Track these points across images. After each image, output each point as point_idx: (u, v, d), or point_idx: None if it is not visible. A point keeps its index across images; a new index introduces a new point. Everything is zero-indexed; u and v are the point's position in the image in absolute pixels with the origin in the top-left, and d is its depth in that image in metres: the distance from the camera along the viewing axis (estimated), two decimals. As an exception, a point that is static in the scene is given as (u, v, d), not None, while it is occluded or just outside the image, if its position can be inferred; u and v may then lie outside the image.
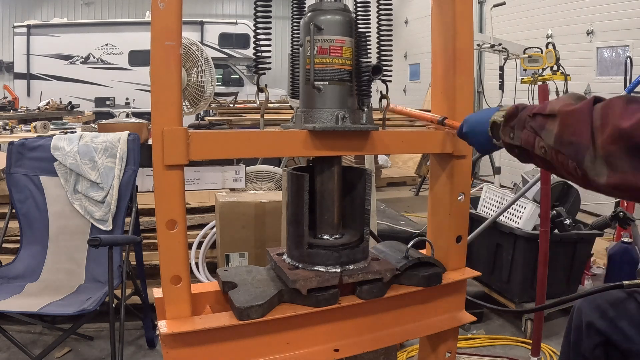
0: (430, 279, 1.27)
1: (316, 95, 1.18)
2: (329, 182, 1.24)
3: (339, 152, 1.21)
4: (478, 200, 3.34)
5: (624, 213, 2.78)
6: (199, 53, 3.40)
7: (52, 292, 2.27)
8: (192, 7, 14.52)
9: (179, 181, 1.05)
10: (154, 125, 1.03)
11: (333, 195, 1.25)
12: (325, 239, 1.24)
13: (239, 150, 1.14)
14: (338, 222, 1.26)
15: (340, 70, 1.17)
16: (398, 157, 8.01)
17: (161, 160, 1.02)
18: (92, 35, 11.48)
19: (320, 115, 1.17)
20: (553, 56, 4.33)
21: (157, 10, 1.00)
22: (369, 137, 1.21)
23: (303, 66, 1.20)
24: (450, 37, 1.31)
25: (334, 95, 1.18)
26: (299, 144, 1.15)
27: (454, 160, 1.34)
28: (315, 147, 1.16)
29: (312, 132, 1.15)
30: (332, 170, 1.24)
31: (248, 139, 1.12)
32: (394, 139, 1.28)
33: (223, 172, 3.34)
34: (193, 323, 1.08)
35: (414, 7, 10.18)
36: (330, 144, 1.17)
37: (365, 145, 1.22)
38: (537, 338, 2.34)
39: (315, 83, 1.16)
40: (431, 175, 1.43)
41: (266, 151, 1.16)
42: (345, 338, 1.20)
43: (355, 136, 1.20)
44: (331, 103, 1.18)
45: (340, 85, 1.18)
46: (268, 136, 1.14)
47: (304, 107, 1.21)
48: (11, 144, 2.57)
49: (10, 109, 7.64)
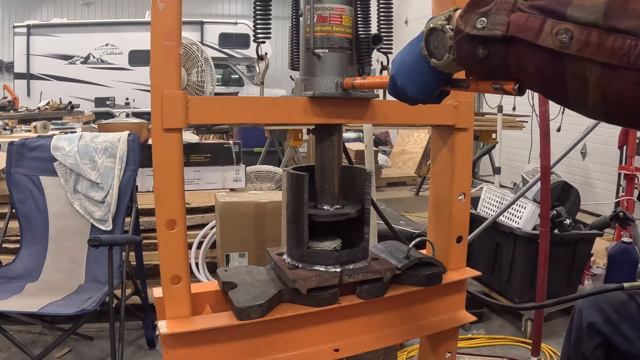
0: (430, 279, 1.27)
1: (316, 63, 1.17)
2: (330, 150, 1.23)
3: (339, 119, 1.19)
4: (478, 200, 3.34)
5: (624, 213, 2.79)
6: (199, 53, 3.40)
7: (52, 292, 2.27)
8: (192, 7, 14.53)
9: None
10: (154, 95, 1.03)
11: (333, 165, 1.24)
12: (326, 209, 1.24)
13: (237, 116, 1.12)
14: (338, 192, 1.26)
15: (340, 38, 1.17)
16: (398, 157, 8.01)
17: (160, 124, 1.02)
18: (92, 35, 11.49)
19: (320, 83, 1.17)
20: (553, 56, 4.32)
21: (157, 10, 1.00)
22: (369, 105, 1.20)
23: (303, 35, 1.20)
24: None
25: (334, 62, 1.17)
26: (298, 111, 1.14)
27: (455, 132, 1.32)
28: (315, 114, 1.15)
29: (311, 99, 1.14)
30: (333, 139, 1.23)
31: (247, 104, 1.12)
32: (394, 109, 1.26)
33: (223, 172, 3.34)
34: (193, 323, 1.07)
35: (414, 7, 10.19)
36: (330, 111, 1.16)
37: (365, 114, 1.20)
38: (537, 338, 2.34)
39: (315, 50, 1.15)
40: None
41: (265, 117, 1.15)
42: (345, 338, 1.20)
43: (355, 104, 1.19)
44: (331, 70, 1.17)
45: (340, 52, 1.18)
46: (267, 102, 1.13)
47: (304, 75, 1.21)
48: (11, 144, 2.57)
49: (10, 109, 7.64)
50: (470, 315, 1.38)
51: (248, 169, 3.60)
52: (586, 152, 5.96)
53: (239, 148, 3.39)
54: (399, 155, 8.04)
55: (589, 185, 5.86)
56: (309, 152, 6.03)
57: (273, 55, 3.20)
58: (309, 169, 1.26)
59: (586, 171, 5.97)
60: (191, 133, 5.13)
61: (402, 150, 8.08)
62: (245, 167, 3.43)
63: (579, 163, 6.01)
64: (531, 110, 4.76)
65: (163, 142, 1.03)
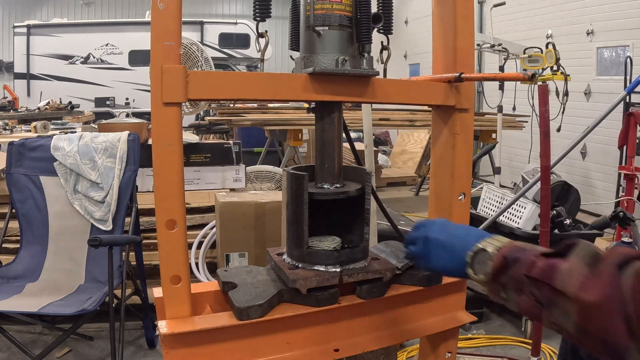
0: (430, 279, 1.27)
1: (316, 40, 1.17)
2: (330, 129, 1.23)
3: (339, 97, 1.19)
4: (478, 200, 3.34)
5: (624, 213, 2.79)
6: (199, 53, 3.40)
7: (52, 292, 2.27)
8: (192, 7, 14.53)
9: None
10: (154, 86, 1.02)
11: (334, 143, 1.24)
12: (326, 188, 1.23)
13: (237, 92, 1.11)
14: (339, 171, 1.26)
15: (340, 15, 1.17)
16: (398, 157, 8.01)
17: (160, 98, 1.01)
18: (92, 35, 11.47)
19: (320, 60, 1.17)
20: (553, 56, 4.33)
21: (157, 10, 1.00)
22: (369, 83, 1.20)
23: (304, 13, 1.20)
24: (451, 36, 1.31)
25: (334, 40, 1.17)
26: (298, 88, 1.13)
27: (456, 113, 1.31)
28: (315, 91, 1.14)
29: (311, 76, 1.13)
30: (333, 117, 1.23)
31: (247, 79, 1.11)
32: (395, 87, 1.26)
33: (223, 172, 3.34)
34: (193, 323, 1.07)
35: (414, 7, 10.18)
36: (330, 88, 1.16)
37: (365, 92, 1.20)
38: (537, 338, 2.34)
39: (316, 28, 1.15)
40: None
41: (264, 93, 1.13)
42: (345, 338, 1.20)
43: (355, 81, 1.19)
44: (331, 47, 1.17)
45: (340, 30, 1.18)
46: (267, 78, 1.12)
47: (304, 53, 1.21)
48: (11, 144, 2.57)
49: (10, 109, 7.64)
50: (470, 315, 1.38)
51: (248, 169, 3.60)
52: (586, 152, 5.96)
53: (239, 148, 3.39)
54: (399, 155, 8.04)
55: (589, 185, 5.85)
56: (309, 152, 6.03)
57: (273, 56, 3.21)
58: (309, 169, 1.26)
59: (586, 171, 5.97)
60: (191, 133, 5.13)
61: (402, 150, 8.08)
62: (245, 167, 3.43)
63: (579, 163, 6.01)
64: (531, 110, 4.76)
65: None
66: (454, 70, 1.31)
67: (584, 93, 5.89)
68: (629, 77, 4.65)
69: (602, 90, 5.64)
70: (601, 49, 5.71)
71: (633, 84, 2.92)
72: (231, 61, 12.12)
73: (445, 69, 1.35)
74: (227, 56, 12.10)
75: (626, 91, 2.89)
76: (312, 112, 1.27)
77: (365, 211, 1.23)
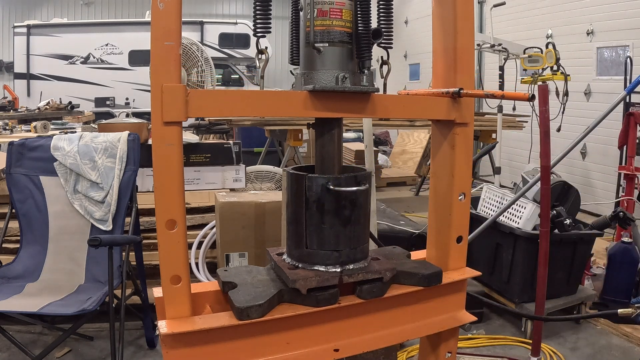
0: (430, 279, 1.27)
1: (316, 57, 1.17)
2: (330, 145, 1.23)
3: (339, 113, 1.19)
4: (478, 200, 3.34)
5: (624, 213, 2.79)
6: (199, 53, 3.40)
7: (52, 292, 2.27)
8: (192, 7, 14.53)
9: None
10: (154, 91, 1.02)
11: (334, 159, 1.24)
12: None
13: (237, 109, 1.11)
14: None
15: (340, 32, 1.17)
16: (398, 157, 8.01)
17: (160, 117, 1.02)
18: (92, 35, 11.47)
19: (320, 77, 1.17)
20: (553, 56, 4.33)
21: (157, 10, 1.00)
22: (369, 99, 1.20)
23: (303, 29, 1.20)
24: (451, 36, 1.31)
25: (334, 56, 1.18)
26: (298, 105, 1.13)
27: (456, 127, 1.32)
28: (315, 108, 1.14)
29: (312, 93, 1.13)
30: (333, 133, 1.23)
31: (247, 97, 1.11)
32: (395, 103, 1.26)
33: (223, 172, 3.34)
34: (193, 323, 1.07)
35: (414, 7, 10.19)
36: (330, 105, 1.16)
37: (365, 108, 1.20)
38: (537, 338, 2.34)
39: (316, 44, 1.15)
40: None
41: (265, 111, 1.13)
42: (345, 338, 1.20)
43: (355, 98, 1.19)
44: (331, 64, 1.17)
45: (340, 47, 1.18)
46: (267, 96, 1.12)
47: (304, 69, 1.21)
48: (11, 144, 2.57)
49: (10, 109, 7.64)
50: (470, 315, 1.38)
51: (248, 169, 3.60)
52: (586, 152, 5.96)
53: (239, 148, 3.39)
54: (399, 155, 8.04)
55: (589, 185, 5.86)
56: (309, 152, 6.03)
57: (273, 55, 3.20)
58: (309, 169, 1.26)
59: (586, 171, 5.97)
60: (191, 133, 5.13)
61: (402, 150, 8.08)
62: (245, 167, 3.43)
63: (579, 163, 6.01)
64: (531, 110, 4.76)
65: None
66: (454, 69, 1.31)
67: (584, 93, 5.89)
68: (629, 77, 4.65)
69: (602, 90, 5.64)
70: (601, 49, 5.71)
71: (633, 84, 2.91)
72: (231, 61, 12.13)
73: (445, 69, 1.35)
74: (227, 56, 12.10)
75: (626, 91, 2.89)
76: (312, 127, 1.26)
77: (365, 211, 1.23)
